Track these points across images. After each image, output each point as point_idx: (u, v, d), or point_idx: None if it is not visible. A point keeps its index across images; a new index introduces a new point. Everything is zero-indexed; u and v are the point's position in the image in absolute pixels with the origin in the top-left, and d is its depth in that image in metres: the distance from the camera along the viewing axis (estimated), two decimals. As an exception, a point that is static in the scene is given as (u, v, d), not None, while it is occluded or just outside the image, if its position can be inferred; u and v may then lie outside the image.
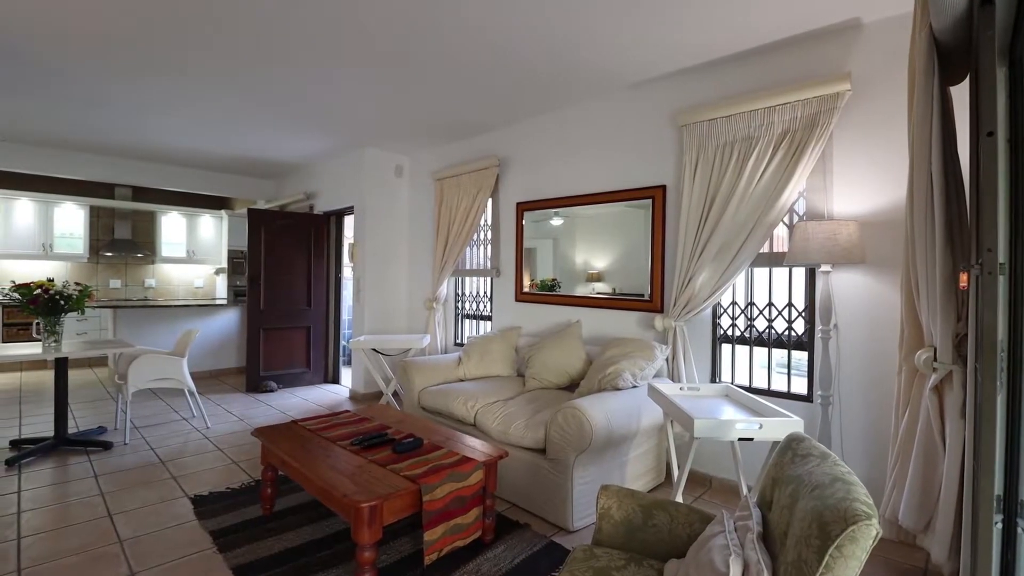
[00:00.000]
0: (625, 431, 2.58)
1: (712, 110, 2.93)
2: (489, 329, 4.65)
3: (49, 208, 6.82)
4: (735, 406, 2.32)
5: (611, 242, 3.65)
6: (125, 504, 2.72)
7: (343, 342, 6.20)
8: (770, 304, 2.91)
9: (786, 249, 2.84)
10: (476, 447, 2.45)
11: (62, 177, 5.63)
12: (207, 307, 6.41)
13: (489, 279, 4.68)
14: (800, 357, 2.82)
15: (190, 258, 7.92)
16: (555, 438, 2.49)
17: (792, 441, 1.38)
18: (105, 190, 7.22)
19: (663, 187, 3.28)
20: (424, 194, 5.29)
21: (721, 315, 3.12)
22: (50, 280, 3.50)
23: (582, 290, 3.81)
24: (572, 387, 3.34)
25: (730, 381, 3.09)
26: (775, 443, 2.00)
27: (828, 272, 2.48)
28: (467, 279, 5.06)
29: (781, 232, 2.94)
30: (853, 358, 2.56)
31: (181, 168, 6.24)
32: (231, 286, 7.41)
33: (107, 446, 3.56)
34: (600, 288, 3.70)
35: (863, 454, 2.53)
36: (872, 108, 2.50)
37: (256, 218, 5.54)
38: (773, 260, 2.88)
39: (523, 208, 4.20)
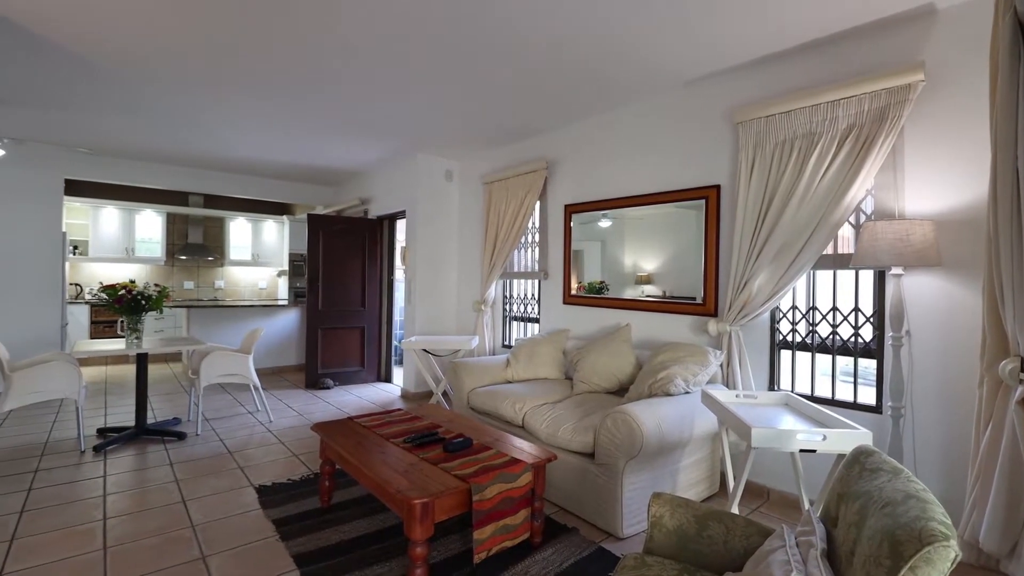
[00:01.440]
0: (677, 438, 2.52)
1: (770, 106, 2.82)
2: (537, 331, 4.66)
3: (131, 215, 7.41)
4: (796, 415, 2.22)
5: (661, 244, 3.57)
6: (197, 491, 2.92)
7: (395, 342, 6.38)
8: (834, 308, 2.77)
9: (852, 250, 2.69)
10: (525, 449, 2.46)
11: (143, 186, 6.10)
12: (270, 307, 6.77)
13: (537, 281, 4.69)
14: (867, 365, 2.67)
15: (255, 261, 8.39)
16: (604, 443, 2.47)
17: (860, 454, 1.31)
18: (180, 198, 7.77)
19: (717, 187, 3.18)
20: (473, 198, 5.37)
21: (780, 320, 2.99)
22: (132, 281, 3.81)
23: (631, 293, 3.75)
24: (621, 392, 3.30)
25: (790, 389, 2.96)
26: (840, 456, 1.90)
27: (900, 275, 2.33)
28: (515, 281, 5.09)
29: (846, 232, 2.79)
30: (928, 367, 2.39)
31: (248, 176, 6.63)
32: (291, 287, 7.80)
33: (181, 436, 3.82)
34: (650, 291, 3.63)
35: (939, 471, 2.35)
36: (948, 99, 2.34)
37: (315, 223, 5.80)
38: (838, 262, 2.74)
39: (571, 210, 4.18)
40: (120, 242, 7.34)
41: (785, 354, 2.98)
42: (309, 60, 3.02)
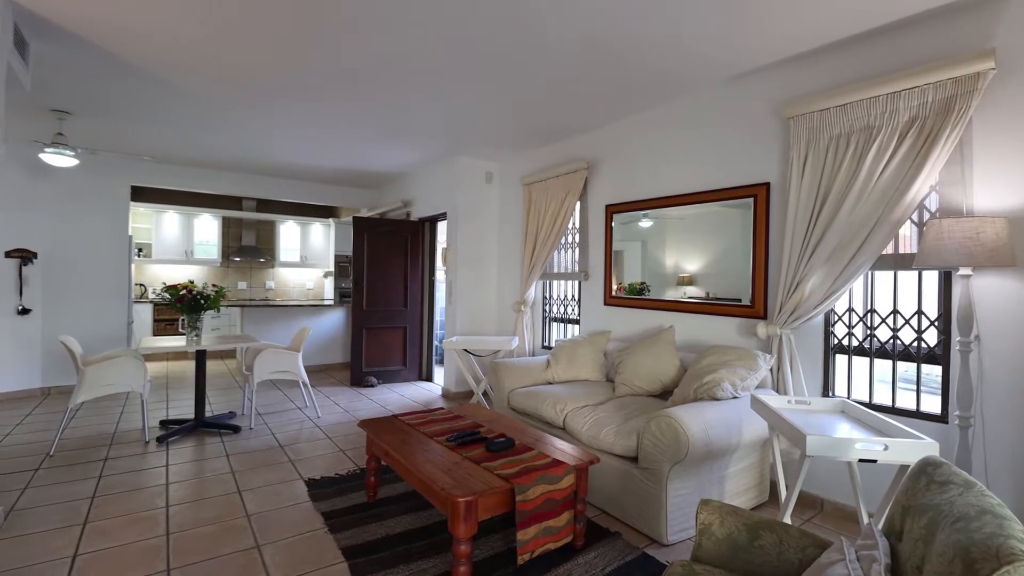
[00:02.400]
0: (724, 444, 2.45)
1: (824, 99, 2.70)
2: (577, 333, 4.63)
3: (190, 219, 7.83)
4: (853, 423, 2.12)
5: (704, 244, 3.48)
6: (251, 482, 3.05)
7: (436, 342, 6.48)
8: (895, 311, 2.62)
9: (914, 250, 2.55)
10: (566, 450, 2.45)
11: (201, 192, 6.44)
12: (316, 307, 7.01)
13: (577, 282, 4.66)
14: (931, 372, 2.51)
15: (303, 262, 8.71)
16: (648, 447, 2.43)
17: (927, 466, 1.24)
18: (234, 203, 8.15)
19: (766, 185, 3.07)
20: (513, 199, 5.39)
21: (835, 323, 2.86)
22: (191, 282, 4.02)
23: (672, 294, 3.67)
24: (664, 395, 3.24)
25: (845, 396, 2.82)
26: (903, 467, 1.80)
27: (968, 276, 2.19)
28: (555, 282, 5.08)
29: (908, 231, 2.64)
30: (1000, 374, 2.24)
31: (297, 181, 6.89)
32: (337, 288, 8.04)
33: (236, 429, 4.00)
34: (692, 292, 3.55)
35: (1012, 485, 2.19)
36: (1022, 88, 2.18)
37: (360, 225, 5.96)
38: (899, 262, 2.59)
39: (612, 210, 4.13)
40: (180, 245, 7.77)
41: (840, 359, 2.85)
42: (352, 67, 3.11)
